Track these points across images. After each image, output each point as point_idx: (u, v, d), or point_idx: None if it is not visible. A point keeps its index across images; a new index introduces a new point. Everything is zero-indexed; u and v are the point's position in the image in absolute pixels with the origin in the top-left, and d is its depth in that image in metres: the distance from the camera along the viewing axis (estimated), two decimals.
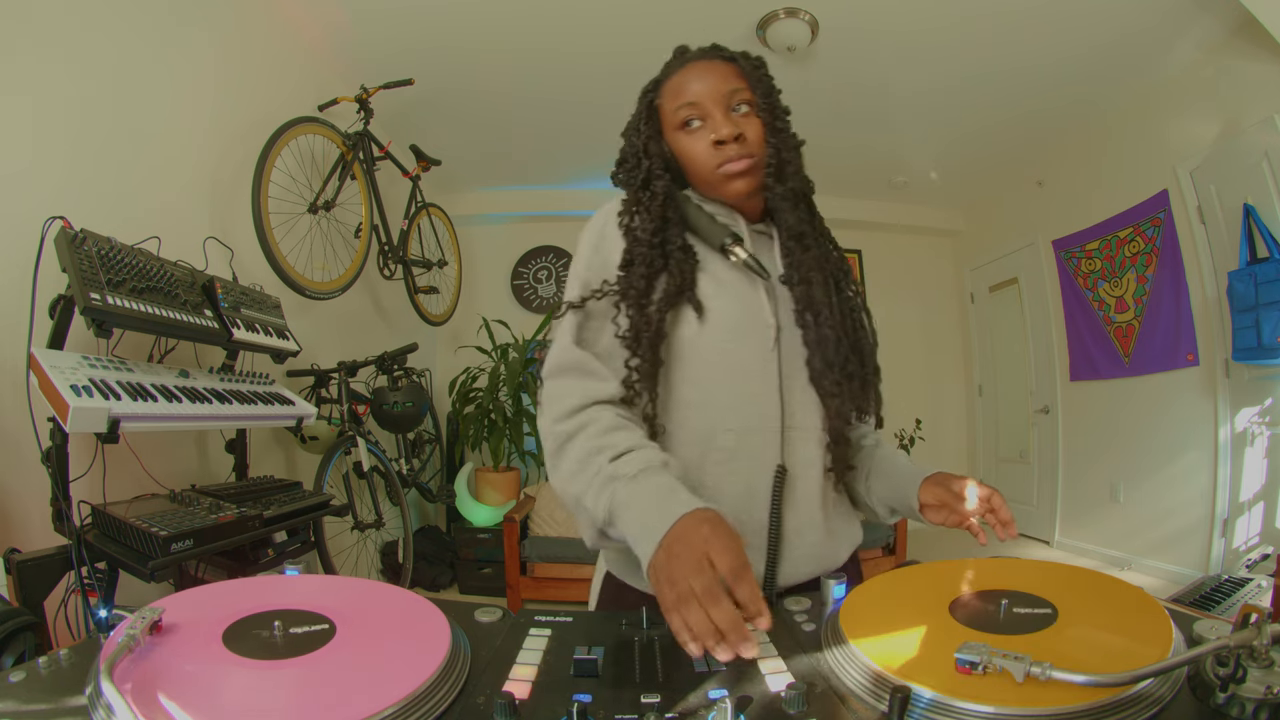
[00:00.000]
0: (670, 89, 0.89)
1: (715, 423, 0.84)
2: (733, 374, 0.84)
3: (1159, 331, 3.59)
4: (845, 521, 0.95)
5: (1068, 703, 0.45)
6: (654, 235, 0.84)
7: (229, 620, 0.58)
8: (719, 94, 0.85)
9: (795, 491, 0.85)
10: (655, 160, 0.88)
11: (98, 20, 1.87)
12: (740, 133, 0.84)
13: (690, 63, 0.90)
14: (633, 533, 0.69)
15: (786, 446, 0.85)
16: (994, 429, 5.18)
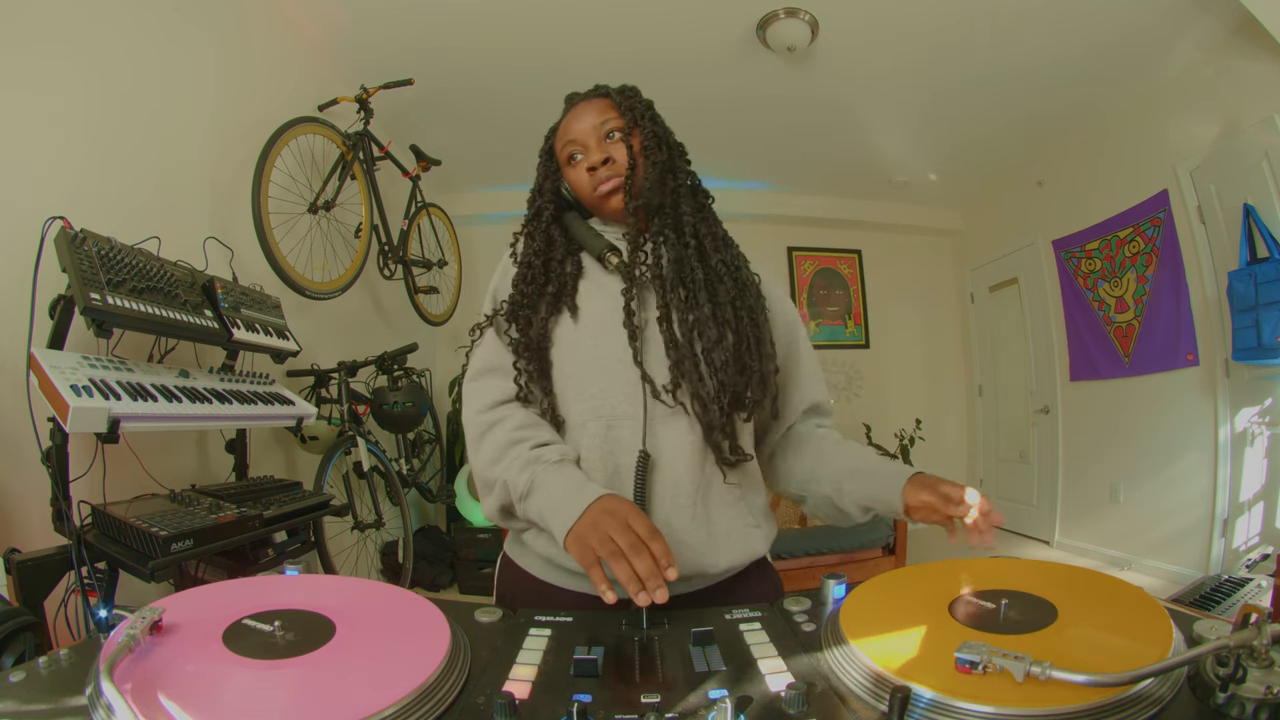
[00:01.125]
0: (560, 132, 1.03)
1: (587, 411, 0.92)
2: (600, 366, 0.92)
3: (1159, 331, 3.59)
4: (736, 525, 0.93)
5: (1068, 703, 0.45)
6: (536, 256, 0.98)
7: (229, 620, 0.58)
8: (592, 127, 0.98)
9: (663, 477, 0.89)
10: (546, 195, 1.03)
11: (98, 20, 1.87)
12: (607, 156, 0.97)
13: (573, 106, 1.03)
14: (550, 508, 0.81)
15: (650, 433, 0.89)
16: (994, 429, 5.18)
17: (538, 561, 0.94)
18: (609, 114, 0.99)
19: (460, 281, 4.29)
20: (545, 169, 1.05)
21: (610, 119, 0.98)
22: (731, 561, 0.91)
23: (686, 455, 0.89)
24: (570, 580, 0.91)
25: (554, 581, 0.92)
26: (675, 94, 3.44)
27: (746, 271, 1.01)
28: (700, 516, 0.90)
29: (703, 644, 0.61)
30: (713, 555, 0.90)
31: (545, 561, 0.92)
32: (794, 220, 5.15)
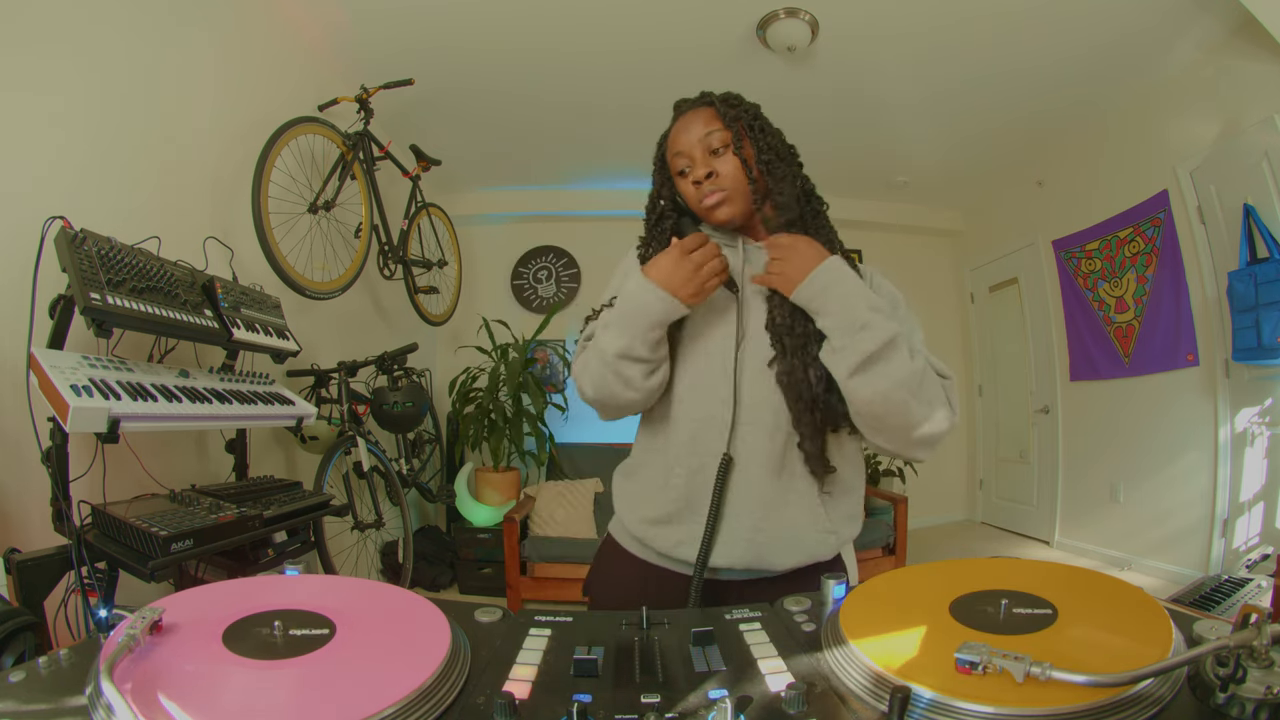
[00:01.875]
0: (669, 143, 1.06)
1: (682, 413, 1.00)
2: (695, 373, 1.00)
3: (1159, 331, 3.59)
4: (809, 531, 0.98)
5: (1068, 703, 0.45)
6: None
7: (229, 620, 0.58)
8: (698, 140, 1.01)
9: (739, 478, 0.98)
10: (666, 202, 1.06)
11: (98, 20, 1.87)
12: (711, 171, 1.00)
13: (679, 116, 1.06)
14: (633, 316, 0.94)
15: (735, 438, 0.97)
16: (994, 429, 5.18)
17: (629, 538, 1.06)
18: (713, 125, 1.01)
19: (460, 281, 4.30)
20: (660, 176, 1.08)
21: (715, 130, 1.00)
22: (794, 563, 0.98)
23: (763, 459, 0.97)
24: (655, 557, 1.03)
25: (643, 556, 1.04)
26: (675, 94, 3.45)
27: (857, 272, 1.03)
28: (771, 517, 0.97)
29: (703, 644, 0.61)
30: (776, 556, 0.98)
31: (635, 540, 1.04)
32: None
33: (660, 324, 0.95)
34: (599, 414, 1.06)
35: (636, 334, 0.94)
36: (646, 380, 0.97)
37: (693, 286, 0.93)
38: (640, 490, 1.05)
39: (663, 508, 1.00)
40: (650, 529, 1.01)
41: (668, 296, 0.93)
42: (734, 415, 0.97)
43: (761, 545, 0.97)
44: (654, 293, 0.94)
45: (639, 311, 0.94)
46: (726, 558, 0.97)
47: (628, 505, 1.07)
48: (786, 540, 0.98)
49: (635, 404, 1.01)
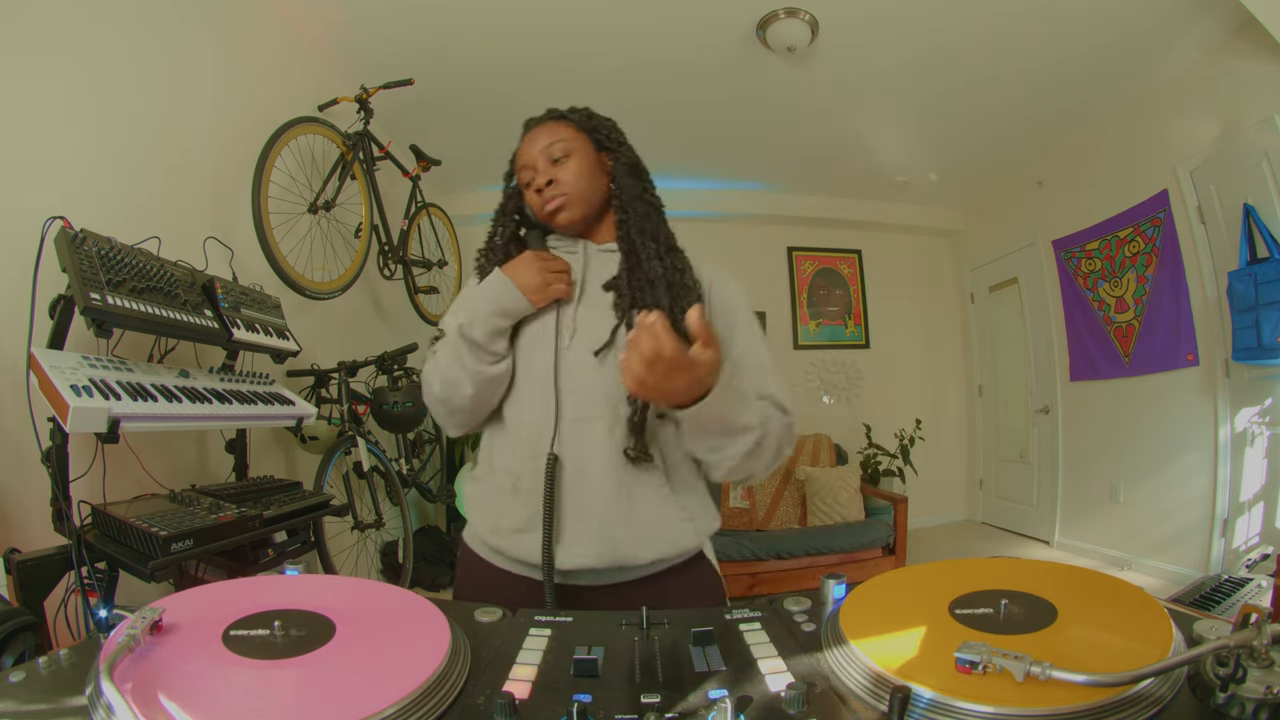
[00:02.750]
0: (517, 158, 1.09)
1: (519, 417, 1.01)
2: (526, 374, 1.02)
3: (1159, 331, 3.59)
4: (666, 519, 0.98)
5: (1068, 703, 0.45)
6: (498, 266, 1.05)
7: (229, 620, 0.58)
8: (540, 150, 1.04)
9: (579, 477, 0.97)
10: (509, 214, 1.10)
11: (98, 19, 1.87)
12: (551, 178, 1.03)
13: (526, 132, 1.09)
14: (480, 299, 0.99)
15: (563, 437, 0.97)
16: (994, 429, 5.18)
17: (485, 548, 1.04)
18: (556, 135, 1.05)
19: (460, 281, 4.29)
20: (507, 192, 1.12)
21: (557, 141, 1.04)
22: (658, 554, 0.97)
23: (604, 451, 0.96)
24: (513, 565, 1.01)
25: (502, 566, 1.02)
26: (675, 94, 3.47)
27: (691, 275, 1.04)
28: (622, 511, 0.96)
29: (703, 644, 0.61)
30: (638, 547, 0.96)
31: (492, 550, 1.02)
32: (794, 220, 5.15)
33: (502, 311, 0.98)
34: (444, 423, 1.07)
35: (480, 315, 0.98)
36: (481, 366, 0.98)
37: (537, 282, 0.99)
38: (490, 497, 1.03)
39: (516, 515, 0.98)
40: (505, 538, 0.99)
41: (514, 287, 0.99)
42: (557, 412, 0.98)
43: (616, 541, 0.95)
44: (502, 282, 1.00)
45: (488, 295, 0.99)
46: (582, 558, 0.94)
47: (480, 513, 1.05)
48: (643, 533, 0.96)
49: (469, 398, 1.00)
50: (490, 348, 0.98)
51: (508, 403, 1.03)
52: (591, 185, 1.05)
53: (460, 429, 1.08)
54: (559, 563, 0.94)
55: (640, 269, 1.01)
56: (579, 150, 1.05)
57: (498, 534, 1.00)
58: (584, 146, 1.06)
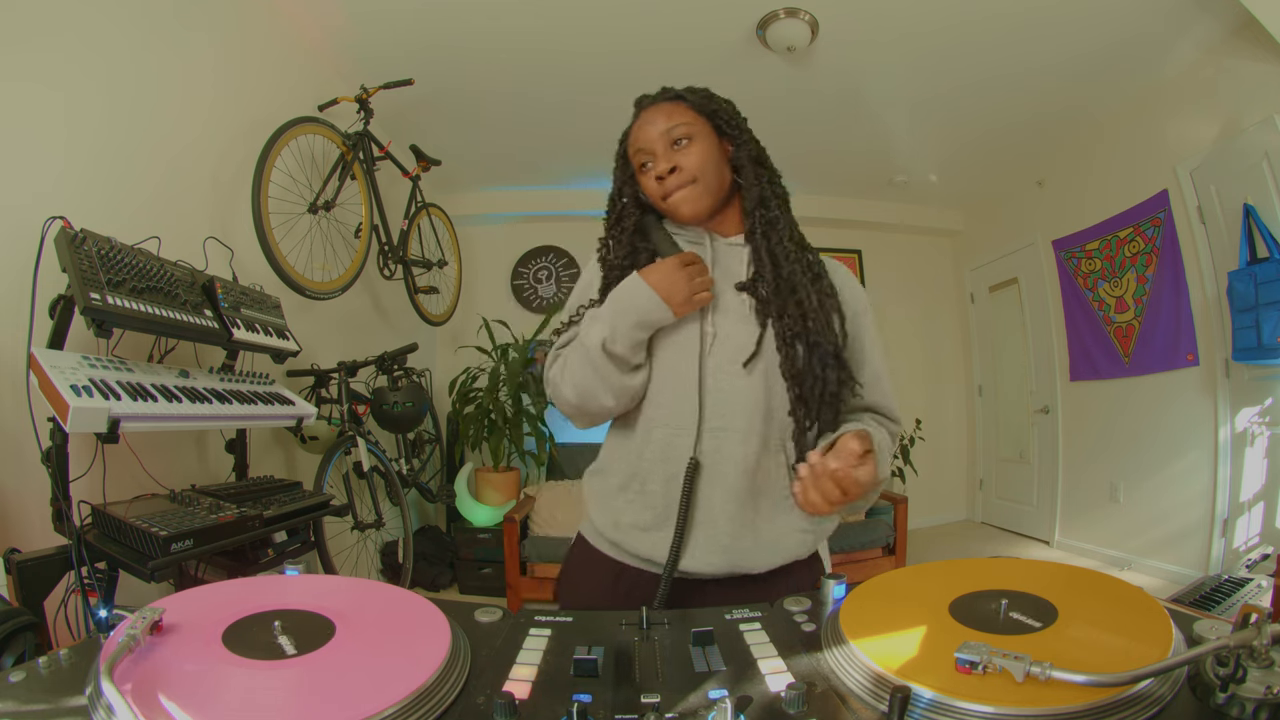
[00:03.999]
0: (630, 139, 1.03)
1: (653, 418, 0.98)
2: (665, 376, 0.98)
3: (1159, 331, 3.59)
4: (787, 531, 0.97)
5: (1068, 703, 0.45)
6: (624, 259, 1.01)
7: (229, 620, 0.58)
8: (660, 134, 0.98)
9: (710, 485, 0.95)
10: (628, 200, 1.04)
11: (99, 19, 1.87)
12: (674, 165, 0.97)
13: (641, 111, 1.03)
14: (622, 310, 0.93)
15: (703, 443, 0.95)
16: (994, 429, 5.18)
17: (604, 542, 1.03)
18: (676, 118, 0.98)
19: (460, 281, 4.30)
20: (621, 174, 1.05)
21: (678, 124, 0.98)
22: (772, 564, 0.97)
23: (738, 462, 0.95)
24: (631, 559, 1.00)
25: (618, 558, 1.01)
26: None
27: (828, 280, 1.02)
28: (748, 522, 0.96)
29: (703, 644, 0.61)
30: (756, 558, 0.96)
31: (611, 544, 1.01)
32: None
33: (646, 324, 0.94)
34: (574, 421, 1.03)
35: (621, 328, 0.93)
36: (623, 378, 0.95)
37: (683, 295, 0.93)
38: (615, 495, 1.02)
39: (639, 514, 0.98)
40: (627, 535, 0.99)
41: (659, 300, 0.93)
42: (700, 418, 0.95)
43: (740, 552, 0.95)
44: (647, 293, 0.93)
45: (630, 307, 0.93)
46: (704, 564, 0.95)
47: (602, 509, 1.04)
48: (765, 545, 0.96)
49: (610, 409, 0.99)
50: (632, 360, 0.95)
51: (645, 402, 1.00)
52: (717, 174, 0.99)
53: (589, 427, 1.06)
54: (681, 564, 0.94)
55: (779, 271, 0.98)
56: (701, 135, 0.99)
57: (619, 530, 1.00)
58: (706, 132, 1.00)
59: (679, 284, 0.93)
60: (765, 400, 0.96)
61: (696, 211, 0.99)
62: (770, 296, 0.97)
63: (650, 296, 0.93)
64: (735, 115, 1.03)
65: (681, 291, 0.93)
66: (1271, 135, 2.86)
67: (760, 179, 1.01)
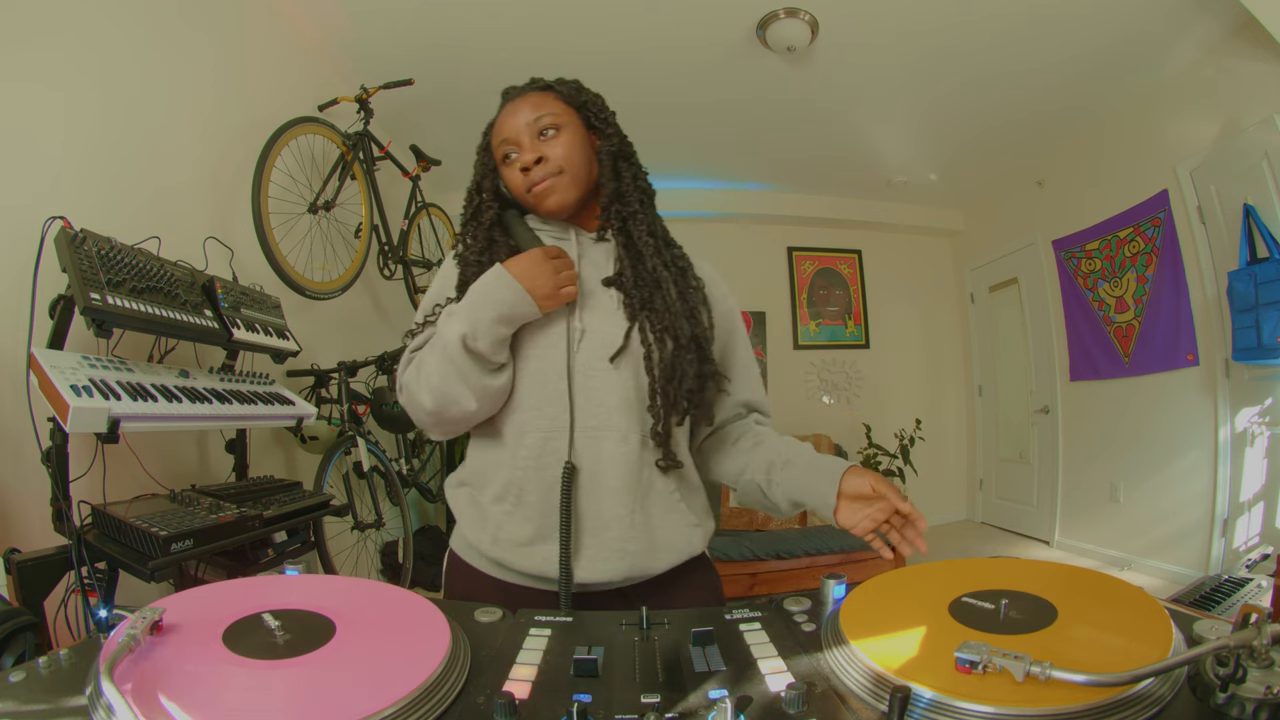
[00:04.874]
0: (495, 129, 0.99)
1: (524, 422, 0.93)
2: (531, 376, 0.93)
3: (1159, 331, 3.59)
4: (678, 527, 0.95)
5: (1068, 702, 0.45)
6: (480, 255, 0.96)
7: (229, 620, 0.58)
8: (526, 124, 0.94)
9: (595, 489, 0.91)
10: (486, 194, 0.99)
11: (99, 19, 1.87)
12: (540, 155, 0.93)
13: (508, 102, 0.98)
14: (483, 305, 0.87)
15: (578, 446, 0.91)
16: (994, 429, 5.18)
17: (484, 560, 0.96)
18: (544, 109, 0.95)
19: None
20: (483, 166, 1.01)
21: (545, 114, 0.94)
22: (671, 563, 0.94)
23: (620, 462, 0.91)
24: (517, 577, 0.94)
25: (501, 577, 0.95)
26: (675, 94, 3.47)
27: (692, 273, 1.01)
28: (640, 523, 0.92)
29: (703, 644, 0.61)
30: (654, 558, 0.93)
31: (493, 562, 0.95)
32: (794, 220, 5.15)
33: (510, 319, 0.88)
34: (431, 431, 0.97)
35: (483, 323, 0.86)
36: (485, 378, 0.89)
37: (549, 288, 0.88)
38: (486, 508, 0.95)
39: (519, 528, 0.92)
40: (509, 551, 0.92)
41: (524, 292, 0.87)
42: (572, 418, 0.91)
43: (634, 554, 0.91)
44: (511, 285, 0.87)
45: (492, 300, 0.87)
46: (602, 572, 0.90)
47: (477, 524, 0.96)
48: (661, 545, 0.93)
49: (471, 413, 0.91)
50: (495, 358, 0.89)
51: (513, 405, 0.94)
52: (585, 166, 0.96)
53: (448, 437, 1.00)
54: (576, 576, 0.89)
55: (644, 265, 0.95)
56: (569, 126, 0.95)
57: (499, 546, 0.93)
58: (575, 123, 0.96)
59: (544, 277, 0.88)
60: (639, 396, 0.93)
61: (563, 203, 0.95)
62: (633, 289, 0.94)
63: (514, 289, 0.87)
64: (605, 109, 1.00)
65: (547, 284, 0.88)
66: (1271, 135, 2.86)
67: (623, 173, 0.98)
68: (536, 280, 0.88)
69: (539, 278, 0.88)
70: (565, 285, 0.90)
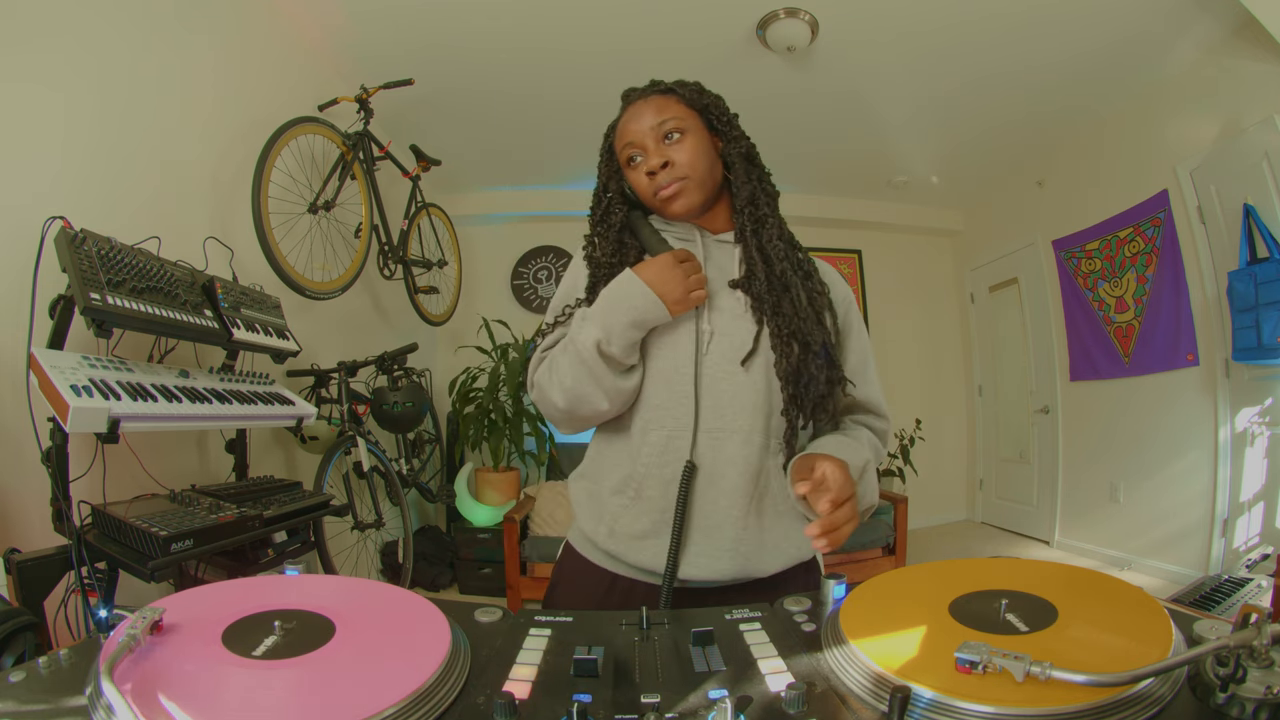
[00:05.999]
0: (618, 132, 1.01)
1: (649, 420, 0.95)
2: (659, 376, 0.95)
3: (1159, 331, 3.59)
4: (791, 533, 0.96)
5: (1068, 703, 0.45)
6: (611, 256, 0.98)
7: (229, 620, 0.58)
8: (651, 128, 0.96)
9: (712, 489, 0.93)
10: (614, 195, 1.01)
11: (99, 19, 1.87)
12: (666, 160, 0.95)
13: (630, 104, 1.00)
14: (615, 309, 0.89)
15: (700, 446, 0.93)
16: (994, 429, 5.18)
17: (598, 552, 0.99)
18: (667, 112, 0.96)
19: (460, 281, 4.30)
20: (607, 168, 1.03)
21: (669, 118, 0.96)
22: (780, 566, 0.95)
23: (740, 464, 0.92)
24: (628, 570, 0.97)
25: (612, 569, 0.98)
26: None
27: (818, 278, 1.01)
28: (753, 525, 0.93)
29: (703, 644, 0.61)
30: (763, 562, 0.94)
31: (606, 554, 0.98)
32: (794, 220, 4.99)
33: (641, 323, 0.90)
34: (560, 427, 0.99)
35: (616, 328, 0.89)
36: (617, 380, 0.92)
37: (679, 292, 0.90)
38: (609, 500, 0.97)
39: (635, 521, 0.94)
40: (623, 544, 0.95)
41: (655, 298, 0.89)
42: (696, 419, 0.93)
43: (746, 555, 0.92)
44: (643, 290, 0.90)
45: (625, 305, 0.89)
46: (711, 570, 0.92)
47: (594, 516, 0.99)
48: (771, 548, 0.94)
49: (603, 412, 0.94)
50: (627, 361, 0.91)
51: (639, 403, 0.96)
52: (709, 169, 0.97)
53: (577, 433, 1.02)
54: (683, 572, 0.91)
55: (772, 269, 0.96)
56: (693, 130, 0.97)
57: (614, 538, 0.95)
58: (698, 126, 0.98)
59: (674, 281, 0.90)
60: (766, 400, 0.94)
61: (689, 207, 0.97)
62: (764, 294, 0.95)
63: (645, 294, 0.89)
64: (726, 110, 1.02)
65: (677, 289, 0.90)
66: (1271, 135, 2.86)
67: (751, 176, 0.99)
68: (668, 285, 0.90)
69: (670, 282, 0.90)
70: (695, 289, 0.92)
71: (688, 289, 0.91)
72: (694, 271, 0.92)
